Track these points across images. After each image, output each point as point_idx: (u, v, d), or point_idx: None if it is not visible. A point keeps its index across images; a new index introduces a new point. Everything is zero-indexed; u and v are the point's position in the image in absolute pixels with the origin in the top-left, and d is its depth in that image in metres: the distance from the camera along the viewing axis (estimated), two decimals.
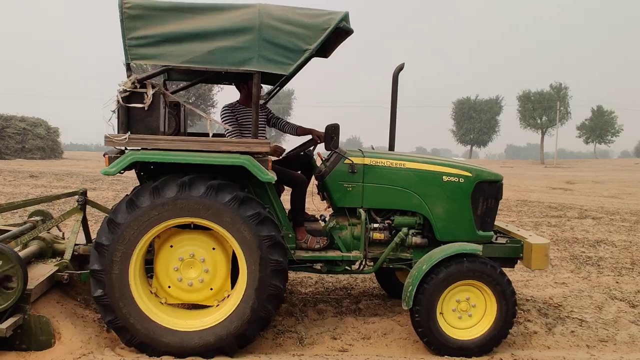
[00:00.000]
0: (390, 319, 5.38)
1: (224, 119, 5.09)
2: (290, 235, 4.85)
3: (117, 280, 4.18)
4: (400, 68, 5.40)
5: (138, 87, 4.22)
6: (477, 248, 4.61)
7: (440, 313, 4.62)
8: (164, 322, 4.29)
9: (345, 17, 4.32)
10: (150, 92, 4.24)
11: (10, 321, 4.10)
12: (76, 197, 5.12)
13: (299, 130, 5.38)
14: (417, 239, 4.98)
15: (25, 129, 45.94)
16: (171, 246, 4.44)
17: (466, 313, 4.68)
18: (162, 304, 4.47)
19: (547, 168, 53.27)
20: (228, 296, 4.51)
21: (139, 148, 4.25)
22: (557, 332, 5.23)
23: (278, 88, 5.58)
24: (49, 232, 5.14)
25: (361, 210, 4.95)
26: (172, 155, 4.19)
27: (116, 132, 4.28)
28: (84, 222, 5.21)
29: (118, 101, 4.21)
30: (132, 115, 4.25)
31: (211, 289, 4.48)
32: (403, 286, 5.99)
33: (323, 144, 5.28)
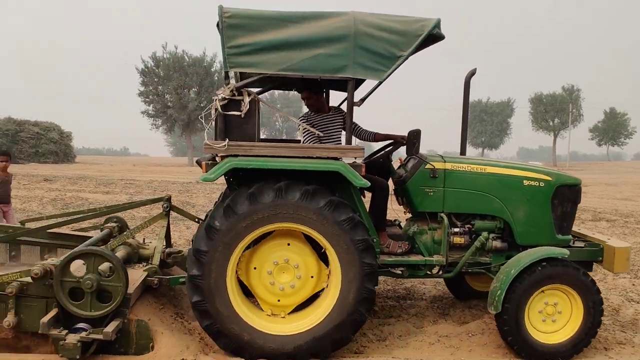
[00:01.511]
0: (406, 321, 5.42)
1: (301, 128, 5.16)
2: (374, 240, 4.91)
3: (215, 284, 4.24)
4: (472, 73, 5.45)
5: (236, 95, 4.29)
6: (564, 252, 4.64)
7: (527, 316, 4.65)
8: (261, 326, 4.35)
9: (438, 24, 4.37)
10: (247, 99, 4.31)
11: (113, 325, 4.17)
12: (161, 203, 5.18)
13: (377, 137, 5.43)
14: (497, 243, 5.02)
15: (38, 134, 46.39)
16: (255, 268, 4.52)
17: (551, 317, 4.70)
18: (269, 315, 4.54)
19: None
20: (327, 286, 4.56)
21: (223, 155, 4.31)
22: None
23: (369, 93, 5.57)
24: (133, 238, 5.21)
25: (443, 215, 5.00)
26: (269, 161, 4.25)
27: (212, 139, 4.34)
28: (167, 228, 5.28)
29: (216, 109, 4.29)
30: (229, 122, 4.32)
31: (312, 276, 4.54)
32: (472, 289, 6.11)
33: (398, 148, 5.35)
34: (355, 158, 4.52)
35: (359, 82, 5.22)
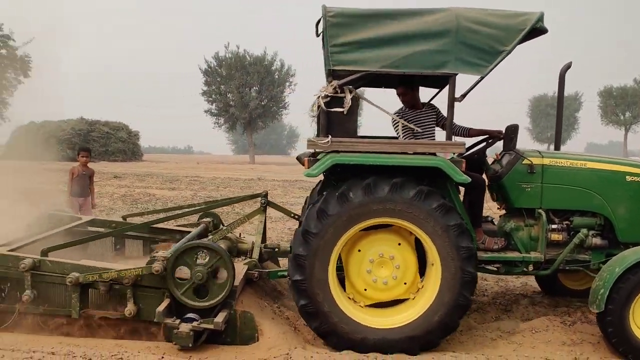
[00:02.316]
0: (467, 317, 5.26)
1: (395, 124, 5.18)
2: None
3: (319, 286, 4.36)
4: (568, 67, 5.34)
5: (338, 92, 4.38)
6: None
7: (632, 317, 4.51)
8: (366, 321, 4.45)
9: (541, 18, 4.31)
10: (349, 96, 4.39)
11: (222, 315, 4.36)
12: (259, 199, 5.35)
13: (471, 132, 5.39)
14: (597, 240, 4.90)
15: (108, 133, 48.35)
16: (359, 250, 4.59)
17: None
18: (361, 307, 4.61)
19: None
20: (421, 287, 4.62)
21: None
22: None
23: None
24: (232, 233, 5.40)
25: (541, 211, 4.92)
26: (370, 157, 4.32)
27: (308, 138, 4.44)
28: (264, 223, 5.45)
29: (319, 106, 4.39)
30: (331, 119, 4.42)
31: (405, 283, 4.59)
32: (565, 287, 5.98)
33: (494, 144, 5.31)
34: (454, 153, 4.53)
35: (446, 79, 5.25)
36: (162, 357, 4.12)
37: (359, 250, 4.58)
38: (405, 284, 4.61)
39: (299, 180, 21.33)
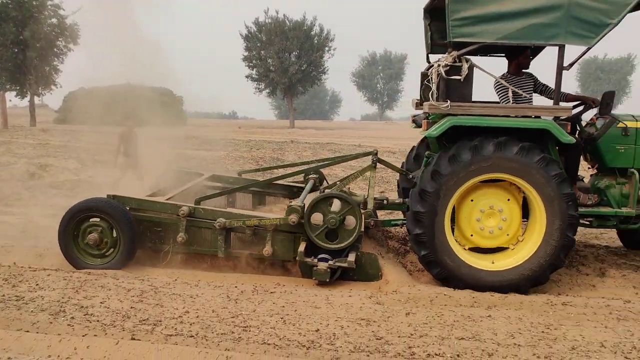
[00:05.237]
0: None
1: (500, 89, 5.65)
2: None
3: (437, 237, 4.97)
4: None
5: (457, 61, 4.90)
6: None
7: None
8: (480, 265, 5.07)
9: None
10: (466, 65, 4.91)
11: (352, 255, 5.05)
12: (370, 156, 5.93)
13: (568, 97, 5.83)
14: None
15: (153, 98, 49.43)
16: (472, 200, 5.17)
17: None
18: (465, 249, 5.23)
19: None
20: (521, 240, 5.19)
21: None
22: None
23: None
24: (346, 187, 6.03)
25: (633, 170, 5.39)
26: (485, 120, 4.86)
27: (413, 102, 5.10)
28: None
29: (439, 74, 4.93)
30: (450, 85, 4.95)
31: (507, 234, 5.18)
32: None
33: (588, 110, 5.76)
34: (560, 117, 5.03)
35: (538, 49, 5.76)
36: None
37: (472, 200, 5.16)
38: (507, 235, 5.19)
39: (330, 143, 22.30)
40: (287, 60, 51.73)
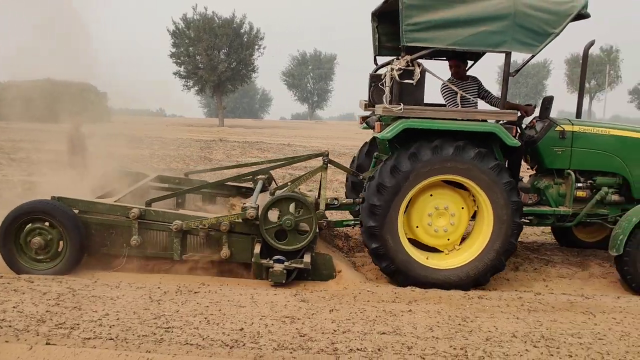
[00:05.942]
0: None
1: (447, 93, 5.83)
2: None
3: (389, 231, 5.07)
4: (591, 44, 6.07)
5: (410, 65, 5.00)
6: None
7: None
8: (427, 263, 5.22)
9: (586, 4, 5.01)
10: (418, 70, 5.03)
11: (308, 256, 5.07)
12: (321, 157, 5.93)
13: (506, 105, 6.09)
14: (615, 197, 5.74)
15: (75, 94, 47.33)
16: (431, 195, 5.32)
17: None
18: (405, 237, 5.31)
19: None
20: (457, 249, 5.41)
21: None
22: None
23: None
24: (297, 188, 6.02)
25: (570, 171, 5.72)
26: (436, 123, 4.99)
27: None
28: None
29: (392, 77, 5.02)
30: (403, 89, 5.05)
31: (448, 239, 5.38)
32: (577, 239, 6.86)
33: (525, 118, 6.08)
34: (503, 121, 5.25)
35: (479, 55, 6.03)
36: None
37: (431, 195, 5.29)
38: (448, 240, 5.39)
39: (259, 142, 22.51)
40: (216, 57, 50.82)
